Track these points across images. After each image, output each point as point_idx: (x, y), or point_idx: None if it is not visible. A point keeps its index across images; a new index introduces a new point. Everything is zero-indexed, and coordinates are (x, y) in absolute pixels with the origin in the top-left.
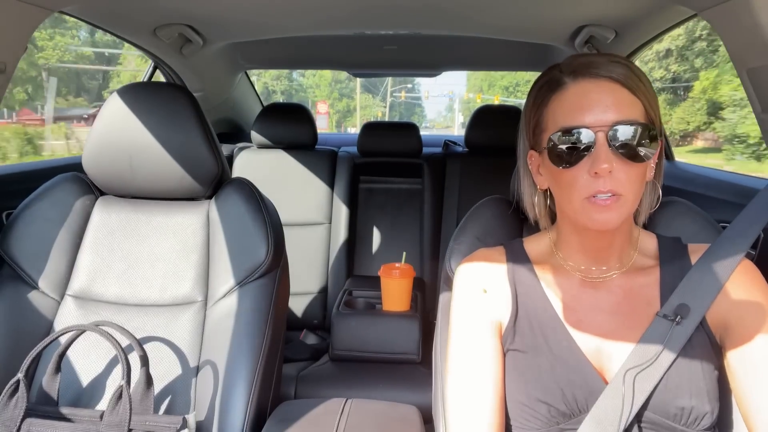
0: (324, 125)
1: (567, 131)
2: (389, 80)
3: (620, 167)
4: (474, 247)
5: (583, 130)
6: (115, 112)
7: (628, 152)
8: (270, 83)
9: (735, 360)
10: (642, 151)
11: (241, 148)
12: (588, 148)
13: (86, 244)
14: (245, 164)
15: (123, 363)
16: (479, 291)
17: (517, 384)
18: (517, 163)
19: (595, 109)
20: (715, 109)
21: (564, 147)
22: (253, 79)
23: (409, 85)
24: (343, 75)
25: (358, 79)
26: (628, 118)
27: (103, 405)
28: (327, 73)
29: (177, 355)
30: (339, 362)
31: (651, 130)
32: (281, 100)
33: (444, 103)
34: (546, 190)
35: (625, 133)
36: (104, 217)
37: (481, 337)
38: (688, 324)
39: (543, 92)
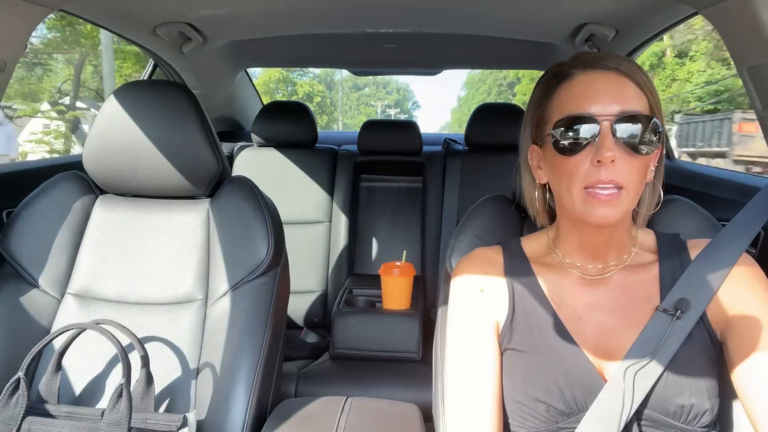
0: None
1: (572, 119)
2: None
3: (623, 158)
4: (474, 245)
5: (588, 119)
6: (116, 110)
7: (632, 144)
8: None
9: (738, 356)
10: (645, 144)
11: (242, 147)
12: (592, 137)
13: (86, 242)
14: (245, 163)
15: (123, 361)
16: (476, 291)
17: (515, 383)
18: (518, 160)
19: (602, 99)
20: None
21: (567, 134)
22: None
23: None
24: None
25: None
26: (633, 110)
27: (103, 403)
28: (370, 111)
29: (177, 354)
30: (339, 360)
31: (655, 125)
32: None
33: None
34: (545, 185)
35: (629, 124)
36: (104, 215)
37: (478, 337)
38: (689, 318)
39: (549, 84)
